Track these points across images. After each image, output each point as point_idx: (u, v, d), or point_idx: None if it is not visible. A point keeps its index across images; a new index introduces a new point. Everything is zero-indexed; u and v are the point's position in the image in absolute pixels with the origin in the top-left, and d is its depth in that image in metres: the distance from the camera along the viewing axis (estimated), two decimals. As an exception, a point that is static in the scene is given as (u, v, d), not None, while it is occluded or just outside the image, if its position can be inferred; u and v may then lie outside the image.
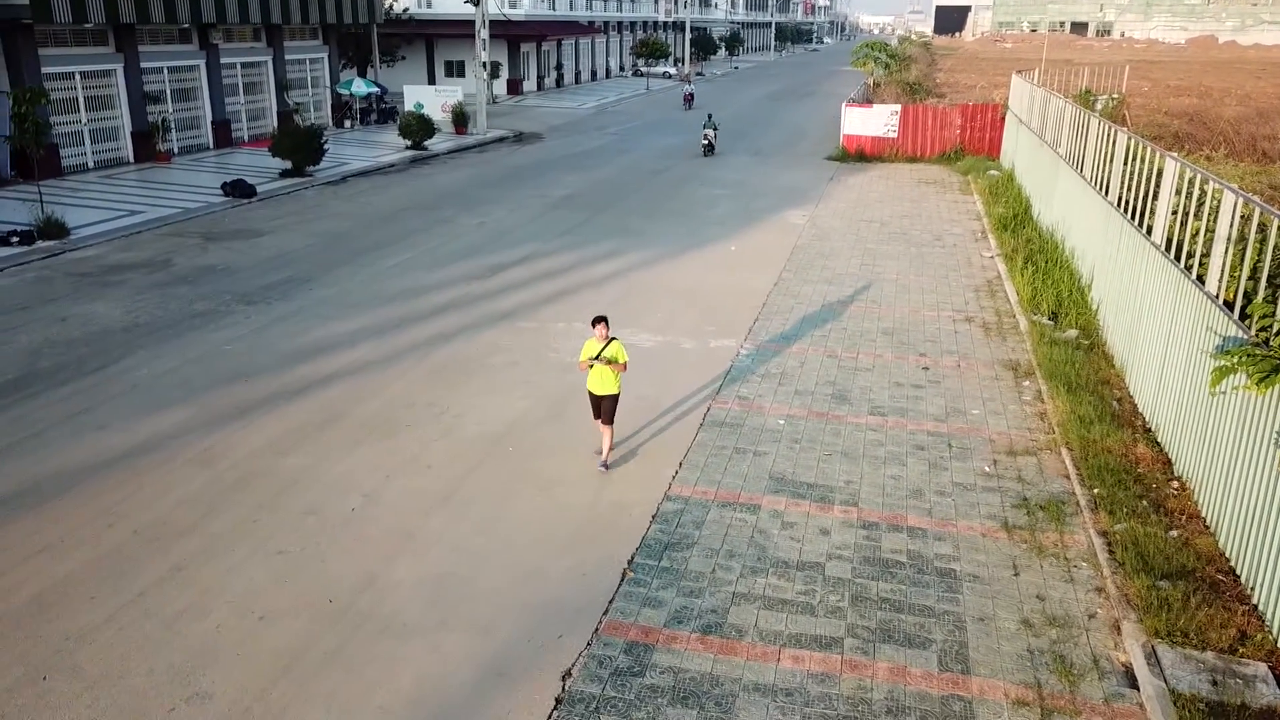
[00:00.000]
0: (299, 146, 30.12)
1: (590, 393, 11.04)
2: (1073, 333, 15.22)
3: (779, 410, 12.88)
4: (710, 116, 37.95)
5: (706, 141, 36.23)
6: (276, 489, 10.75)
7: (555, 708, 7.42)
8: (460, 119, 41.45)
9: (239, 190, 27.18)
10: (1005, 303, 17.60)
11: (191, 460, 11.43)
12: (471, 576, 9.15)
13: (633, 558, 9.45)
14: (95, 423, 12.41)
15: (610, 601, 8.75)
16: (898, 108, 35.18)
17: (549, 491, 10.77)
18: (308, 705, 7.43)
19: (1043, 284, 17.27)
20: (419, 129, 36.27)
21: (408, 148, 36.39)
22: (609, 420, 11.02)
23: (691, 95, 56.62)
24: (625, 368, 10.87)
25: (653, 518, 10.18)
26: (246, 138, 37.44)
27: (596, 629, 8.36)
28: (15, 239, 21.26)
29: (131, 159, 32.17)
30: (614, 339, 10.85)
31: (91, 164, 30.90)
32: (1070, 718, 7.33)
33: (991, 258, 20.74)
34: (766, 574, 9.16)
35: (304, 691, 7.58)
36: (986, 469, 11.27)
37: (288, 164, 30.39)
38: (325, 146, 30.99)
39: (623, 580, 9.07)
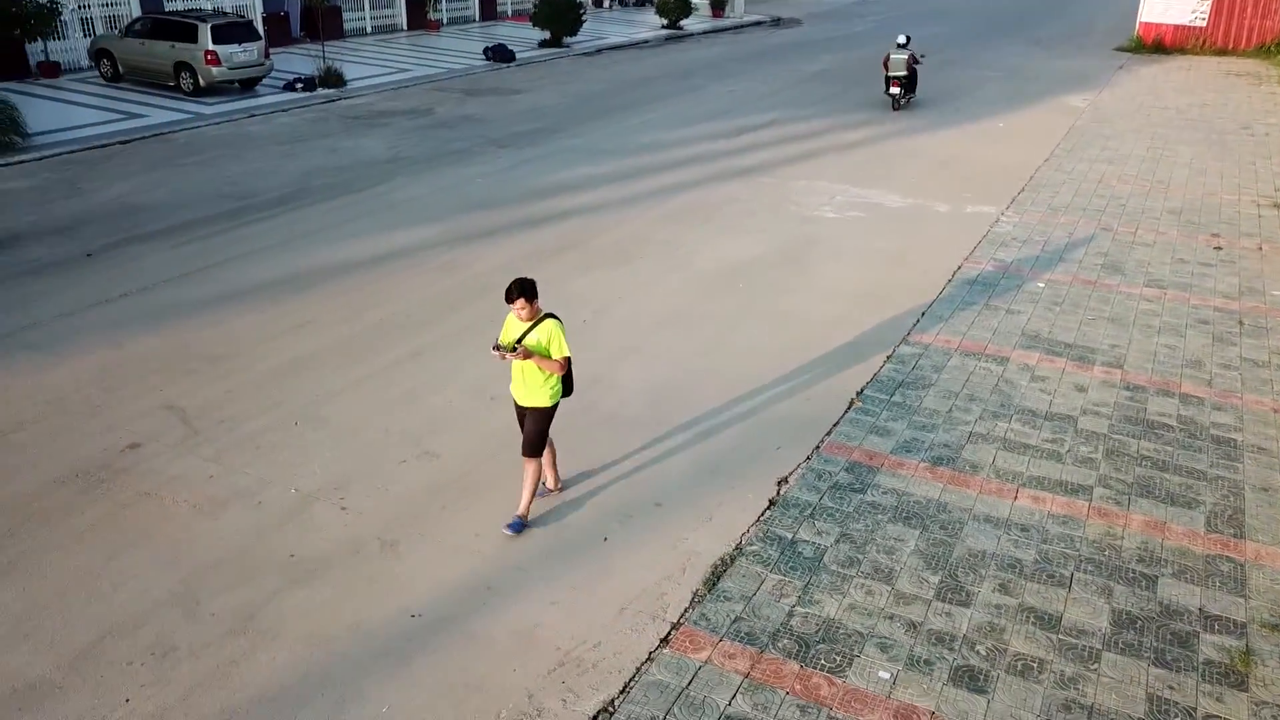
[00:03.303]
0: (558, 16, 30.52)
1: (514, 399, 6.89)
2: None
3: (1039, 274, 11.74)
4: None
5: None
6: (512, 298, 10.97)
7: (769, 507, 7.15)
8: (718, 2, 40.49)
9: (499, 55, 27.93)
10: (1326, 192, 15.16)
11: (437, 268, 11.89)
12: (692, 387, 8.97)
13: (862, 390, 8.93)
14: (355, 231, 13.17)
15: (834, 425, 8.32)
16: (1210, -9, 30.86)
17: (777, 324, 10.38)
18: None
19: (1379, 171, 14.70)
20: (676, 8, 35.79)
21: (663, 27, 36.04)
22: (530, 449, 6.76)
23: None
24: (565, 366, 6.60)
25: (887, 358, 9.58)
26: (510, 12, 38.42)
27: (818, 447, 7.97)
28: (300, 85, 22.91)
29: (404, 26, 33.82)
30: (549, 317, 6.56)
31: (369, 29, 32.74)
32: (1372, 597, 6.24)
33: (1312, 148, 17.90)
34: (1009, 419, 8.39)
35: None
36: (1286, 348, 9.78)
37: (546, 34, 30.94)
38: (583, 17, 31.26)
39: (849, 408, 8.60)
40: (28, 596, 6.24)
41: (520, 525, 6.88)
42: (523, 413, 6.82)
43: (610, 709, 5.38)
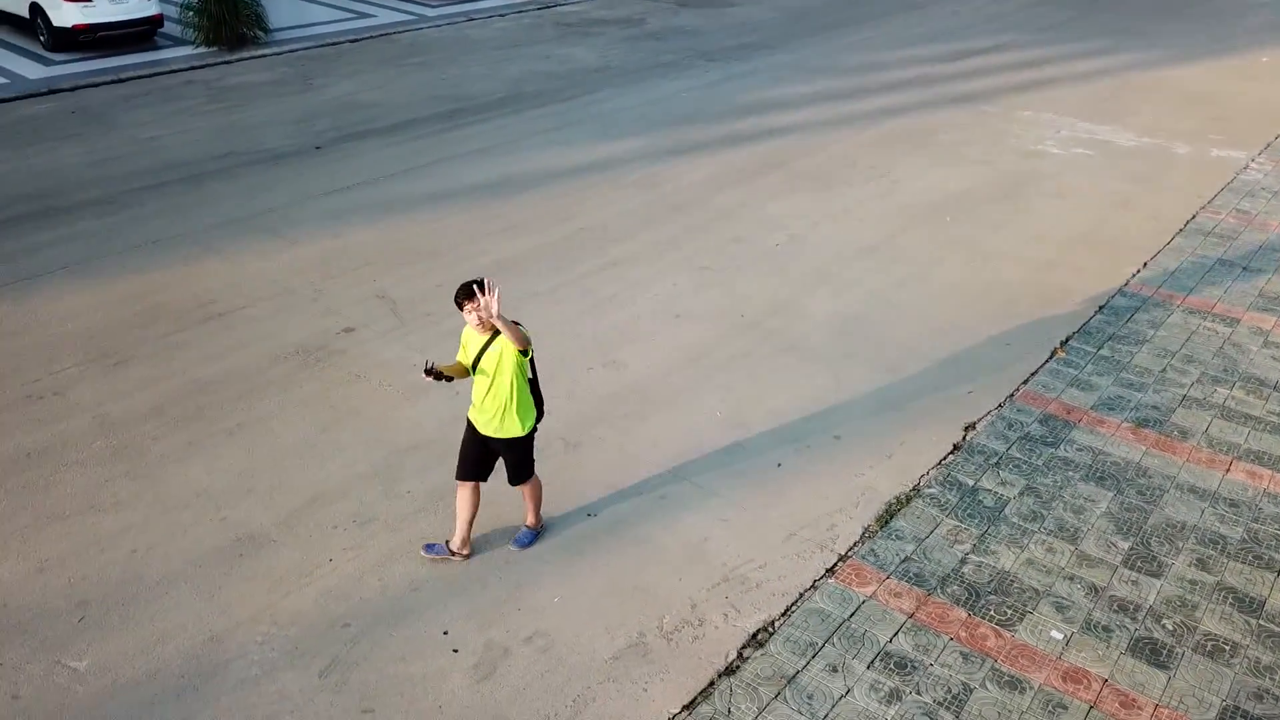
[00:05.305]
0: (780, -75, 29.49)
1: (469, 424, 5.76)
2: None
3: (1288, 229, 10.63)
4: None
5: None
6: (709, 217, 10.97)
7: (953, 451, 6.95)
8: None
9: (716, -35, 27.37)
10: None
11: (637, 182, 12.00)
12: (884, 322, 8.75)
13: (1068, 339, 8.44)
14: (561, 140, 13.44)
15: (1033, 374, 7.93)
16: None
17: (984, 262, 9.90)
18: (704, 392, 7.66)
19: None
20: (905, -82, 33.82)
21: (890, -62, 34.19)
22: (520, 477, 5.85)
23: None
24: (524, 342, 5.45)
25: (1100, 308, 8.98)
26: (730, -79, 37.40)
27: (1012, 395, 7.64)
28: (519, -10, 23.32)
29: (624, -67, 33.60)
30: (512, 325, 5.40)
31: (590, -65, 32.75)
32: None
33: None
34: (1231, 386, 7.73)
35: (704, 380, 7.81)
36: None
37: (766, -56, 30.00)
38: (806, -73, 30.05)
39: (1051, 357, 8.16)
40: (252, 456, 6.93)
41: (532, 536, 6.11)
42: (485, 444, 5.71)
43: (770, 629, 5.47)
